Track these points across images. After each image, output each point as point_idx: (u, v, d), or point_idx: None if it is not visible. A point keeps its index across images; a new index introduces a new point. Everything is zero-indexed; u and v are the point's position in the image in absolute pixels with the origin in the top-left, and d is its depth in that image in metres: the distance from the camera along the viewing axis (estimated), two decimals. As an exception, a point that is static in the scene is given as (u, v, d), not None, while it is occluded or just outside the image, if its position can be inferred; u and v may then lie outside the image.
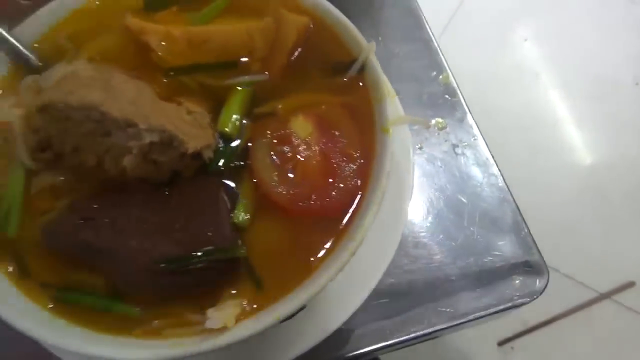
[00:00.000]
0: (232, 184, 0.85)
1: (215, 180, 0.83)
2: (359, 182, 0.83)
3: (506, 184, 1.21)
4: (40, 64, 0.90)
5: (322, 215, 0.81)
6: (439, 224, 1.17)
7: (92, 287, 0.78)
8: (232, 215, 0.79)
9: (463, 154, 1.27)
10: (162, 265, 0.72)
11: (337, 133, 0.87)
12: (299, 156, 0.84)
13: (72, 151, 0.82)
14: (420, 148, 1.21)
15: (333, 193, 0.83)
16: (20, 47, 0.89)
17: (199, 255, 0.74)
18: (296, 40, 0.92)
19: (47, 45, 0.92)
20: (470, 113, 1.31)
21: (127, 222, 0.77)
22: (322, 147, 0.85)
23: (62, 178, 0.84)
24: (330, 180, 0.82)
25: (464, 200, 1.19)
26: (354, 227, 0.78)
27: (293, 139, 0.85)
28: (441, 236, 1.17)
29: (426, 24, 1.41)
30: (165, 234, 0.75)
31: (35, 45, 0.93)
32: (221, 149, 0.86)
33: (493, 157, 1.26)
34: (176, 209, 0.79)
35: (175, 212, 0.79)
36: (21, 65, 0.89)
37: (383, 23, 1.38)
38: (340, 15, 0.91)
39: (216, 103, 0.89)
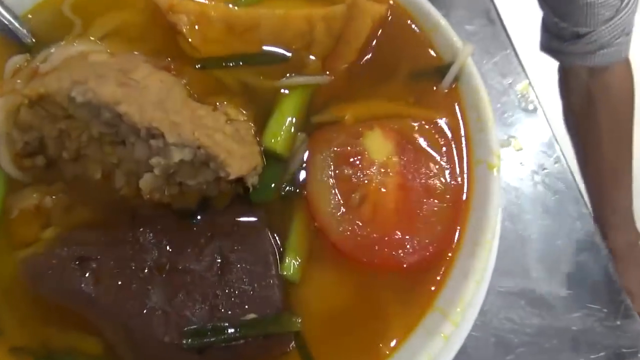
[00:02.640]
0: (280, 219, 0.68)
1: (261, 215, 0.67)
2: (449, 231, 0.68)
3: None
4: (32, 40, 0.74)
5: (397, 271, 0.66)
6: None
7: (86, 356, 0.61)
8: (280, 265, 0.64)
9: (544, 182, 1.05)
10: (188, 340, 0.57)
11: (423, 159, 0.70)
12: (371, 184, 0.67)
13: (71, 160, 0.69)
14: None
15: (414, 242, 0.66)
16: (7, 16, 0.72)
17: (240, 327, 0.59)
18: (370, 34, 0.75)
19: (43, 16, 0.75)
20: (553, 133, 1.09)
21: (140, 270, 0.61)
22: (403, 175, 0.68)
23: (53, 197, 0.68)
24: (411, 222, 0.66)
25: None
26: (445, 299, 0.63)
27: (365, 161, 0.69)
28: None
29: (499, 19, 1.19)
30: (194, 292, 0.60)
31: (29, 15, 0.76)
32: (267, 172, 0.69)
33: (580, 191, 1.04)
34: (207, 254, 0.63)
35: (207, 258, 0.63)
36: (7, 41, 0.73)
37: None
38: (429, 5, 0.70)
39: (261, 109, 0.73)
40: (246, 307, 0.59)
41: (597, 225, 1.01)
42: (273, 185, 0.69)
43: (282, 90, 0.75)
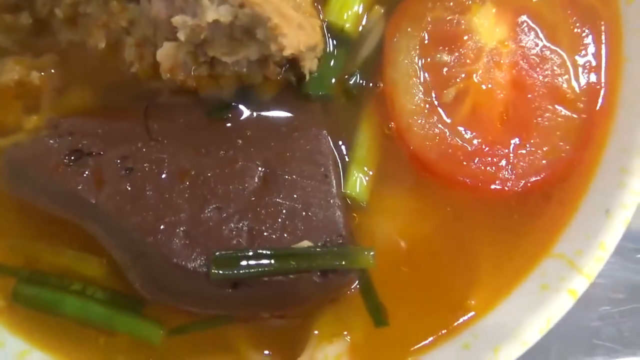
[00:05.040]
0: (344, 121, 0.55)
1: (318, 113, 0.54)
2: (579, 149, 0.52)
3: None
4: None
5: (498, 199, 0.52)
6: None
7: (84, 280, 0.51)
8: (343, 181, 0.52)
9: None
10: (218, 269, 0.44)
11: (549, 49, 0.54)
12: (473, 78, 0.53)
13: (66, 21, 0.56)
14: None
15: (526, 160, 0.51)
16: None
17: (289, 257, 0.46)
18: None
19: None
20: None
21: (155, 174, 0.48)
22: (520, 69, 0.54)
23: (41, 73, 0.55)
24: (524, 134, 0.52)
25: None
26: (569, 242, 0.49)
27: (468, 46, 0.54)
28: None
29: None
30: (227, 208, 0.47)
31: None
32: (330, 55, 0.55)
33: None
34: (246, 159, 0.49)
35: (246, 166, 0.49)
36: None
37: None
38: None
39: None
40: (298, 231, 0.47)
41: None
42: (337, 74, 0.55)
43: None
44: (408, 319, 0.50)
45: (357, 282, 0.51)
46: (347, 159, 0.53)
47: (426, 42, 0.55)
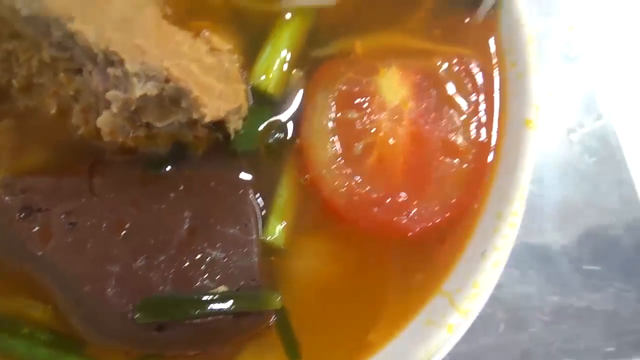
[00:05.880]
0: (267, 173, 0.59)
1: (243, 167, 0.59)
2: (468, 197, 0.57)
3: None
4: None
5: (400, 241, 0.57)
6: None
7: (33, 324, 0.54)
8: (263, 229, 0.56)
9: (581, 142, 0.91)
10: (142, 313, 0.49)
11: (445, 107, 0.59)
12: (379, 133, 0.58)
13: (21, 89, 0.60)
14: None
15: (423, 207, 0.57)
16: None
17: (208, 302, 0.50)
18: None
19: None
20: (596, 86, 0.93)
21: (96, 227, 0.53)
22: (419, 125, 0.59)
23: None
24: (422, 183, 0.57)
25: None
26: (455, 282, 0.53)
27: (375, 104, 0.59)
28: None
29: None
30: (157, 257, 0.52)
31: None
32: (254, 115, 0.59)
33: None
34: (176, 212, 0.54)
35: (175, 218, 0.54)
36: None
37: None
38: None
39: (252, 39, 0.63)
40: (217, 277, 0.52)
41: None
42: (260, 131, 0.59)
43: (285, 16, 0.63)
44: (319, 353, 0.54)
45: (272, 319, 0.53)
46: (267, 209, 0.56)
47: (339, 101, 0.59)
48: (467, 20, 0.61)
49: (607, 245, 0.85)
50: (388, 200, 0.56)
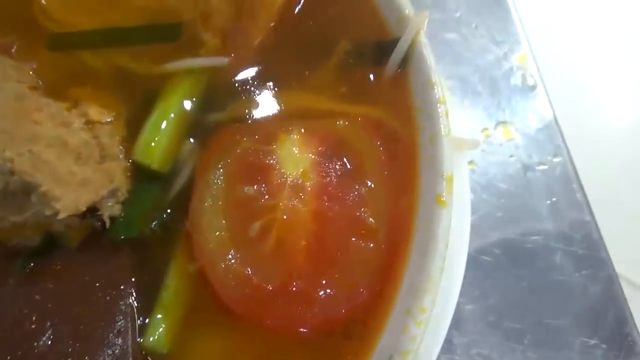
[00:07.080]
0: (151, 264, 0.52)
1: (122, 259, 0.52)
2: (377, 284, 0.50)
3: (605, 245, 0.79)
4: None
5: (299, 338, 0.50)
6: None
7: None
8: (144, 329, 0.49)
9: (538, 180, 0.84)
10: None
11: (351, 179, 0.52)
12: (276, 212, 0.51)
13: None
14: (471, 165, 0.80)
15: (326, 297, 0.49)
16: None
17: None
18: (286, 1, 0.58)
19: None
20: (556, 118, 0.87)
21: None
22: (321, 201, 0.51)
23: None
24: (325, 269, 0.50)
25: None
26: None
27: (274, 177, 0.52)
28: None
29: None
30: None
31: None
32: (136, 197, 0.53)
33: (586, 196, 0.82)
34: (39, 316, 0.48)
35: (37, 323, 0.47)
36: None
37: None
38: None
39: (138, 106, 0.56)
40: None
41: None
42: (143, 215, 0.52)
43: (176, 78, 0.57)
44: None
45: None
46: (151, 303, 0.49)
47: (233, 174, 0.52)
48: (372, 76, 0.54)
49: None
50: (287, 291, 0.48)
